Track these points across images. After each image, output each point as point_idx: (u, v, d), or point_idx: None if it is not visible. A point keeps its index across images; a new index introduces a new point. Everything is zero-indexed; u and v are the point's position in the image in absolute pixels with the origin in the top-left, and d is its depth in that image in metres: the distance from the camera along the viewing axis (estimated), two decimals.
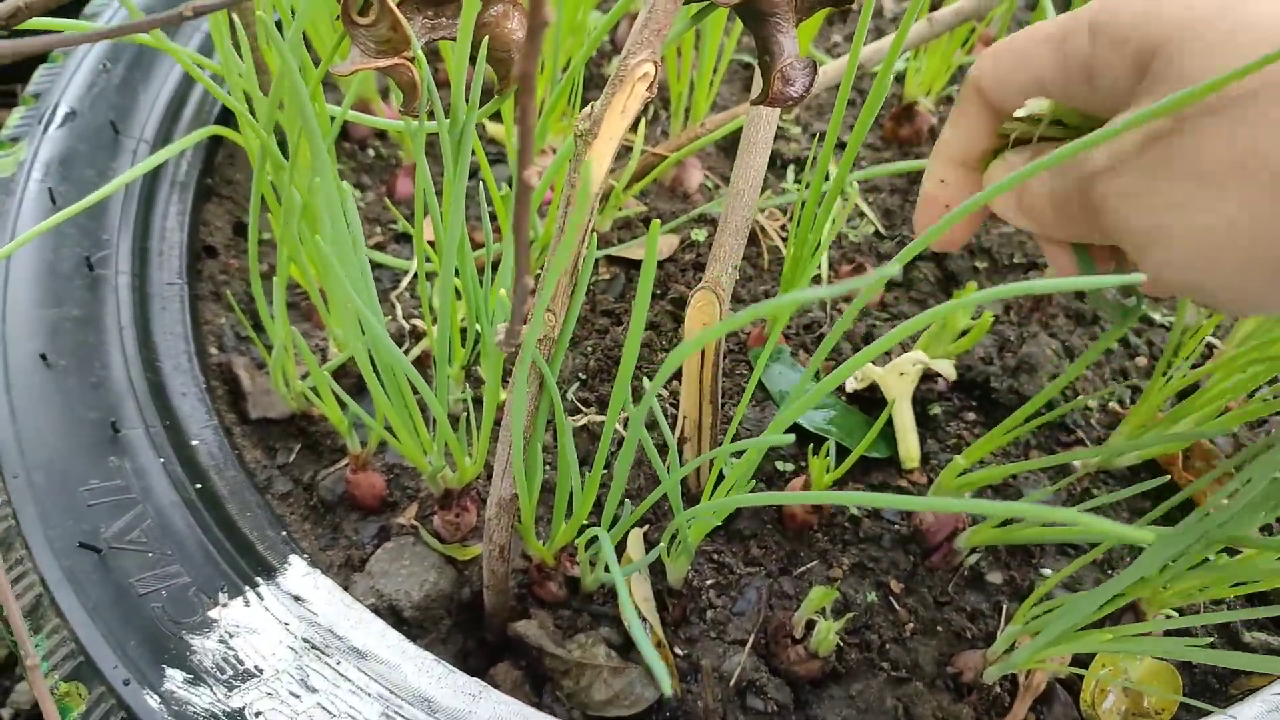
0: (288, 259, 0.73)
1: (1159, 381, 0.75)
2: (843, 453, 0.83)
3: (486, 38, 0.55)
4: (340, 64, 0.50)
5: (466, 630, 0.78)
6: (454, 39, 0.54)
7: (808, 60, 0.57)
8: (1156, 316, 0.95)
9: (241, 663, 0.62)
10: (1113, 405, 0.87)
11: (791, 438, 0.45)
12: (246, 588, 0.67)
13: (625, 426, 0.86)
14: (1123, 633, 0.61)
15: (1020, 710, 0.70)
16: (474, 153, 0.70)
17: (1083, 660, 0.74)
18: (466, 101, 0.57)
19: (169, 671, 0.61)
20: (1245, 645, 0.75)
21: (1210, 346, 0.92)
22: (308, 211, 0.68)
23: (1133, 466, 0.83)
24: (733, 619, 0.76)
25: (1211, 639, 0.75)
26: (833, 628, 0.68)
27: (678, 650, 0.74)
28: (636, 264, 0.98)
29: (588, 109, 0.54)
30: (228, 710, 0.60)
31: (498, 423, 0.81)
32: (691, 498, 0.81)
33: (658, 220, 0.42)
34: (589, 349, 0.91)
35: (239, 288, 0.94)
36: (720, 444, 0.79)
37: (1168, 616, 0.72)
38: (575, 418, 0.86)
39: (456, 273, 0.69)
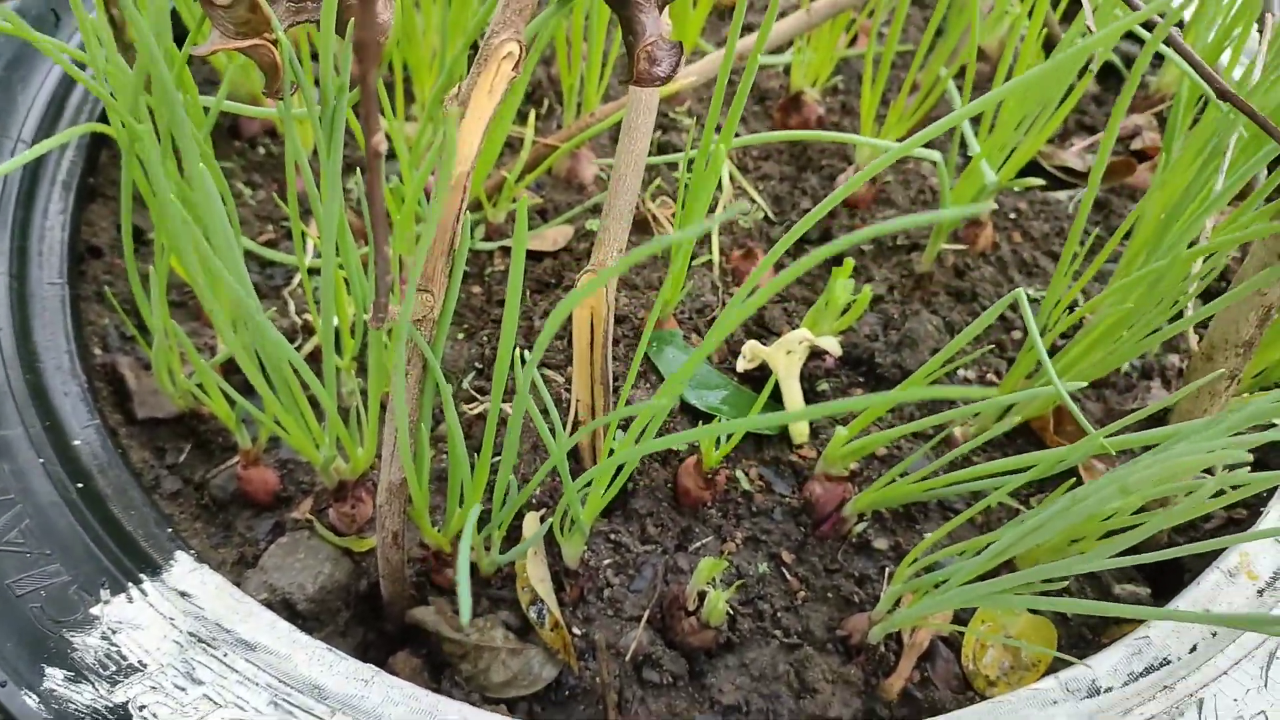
0: (165, 250, 0.72)
1: (1027, 349, 0.79)
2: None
3: (352, 20, 0.55)
4: (200, 45, 0.50)
5: (366, 622, 0.78)
6: (318, 23, 0.54)
7: (674, 42, 0.58)
8: (1030, 292, 1.00)
9: (125, 658, 0.61)
10: (990, 376, 0.91)
11: (672, 403, 0.46)
12: (130, 584, 0.66)
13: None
14: (999, 586, 0.64)
15: (905, 667, 0.73)
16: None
17: (963, 620, 0.77)
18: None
19: (48, 670, 0.60)
20: (1115, 596, 0.79)
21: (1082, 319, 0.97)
22: (184, 202, 0.67)
23: (1009, 434, 0.87)
24: (629, 596, 0.77)
25: (1085, 590, 0.80)
26: (722, 597, 0.70)
27: (575, 630, 0.75)
28: (533, 255, 0.99)
29: (454, 90, 0.55)
30: (110, 705, 0.59)
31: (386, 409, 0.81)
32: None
33: (526, 195, 0.43)
34: (485, 339, 0.92)
35: (124, 288, 0.92)
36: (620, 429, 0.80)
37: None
38: (471, 405, 0.87)
39: (343, 265, 0.69)
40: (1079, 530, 0.72)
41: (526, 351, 0.89)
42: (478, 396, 0.88)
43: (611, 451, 0.78)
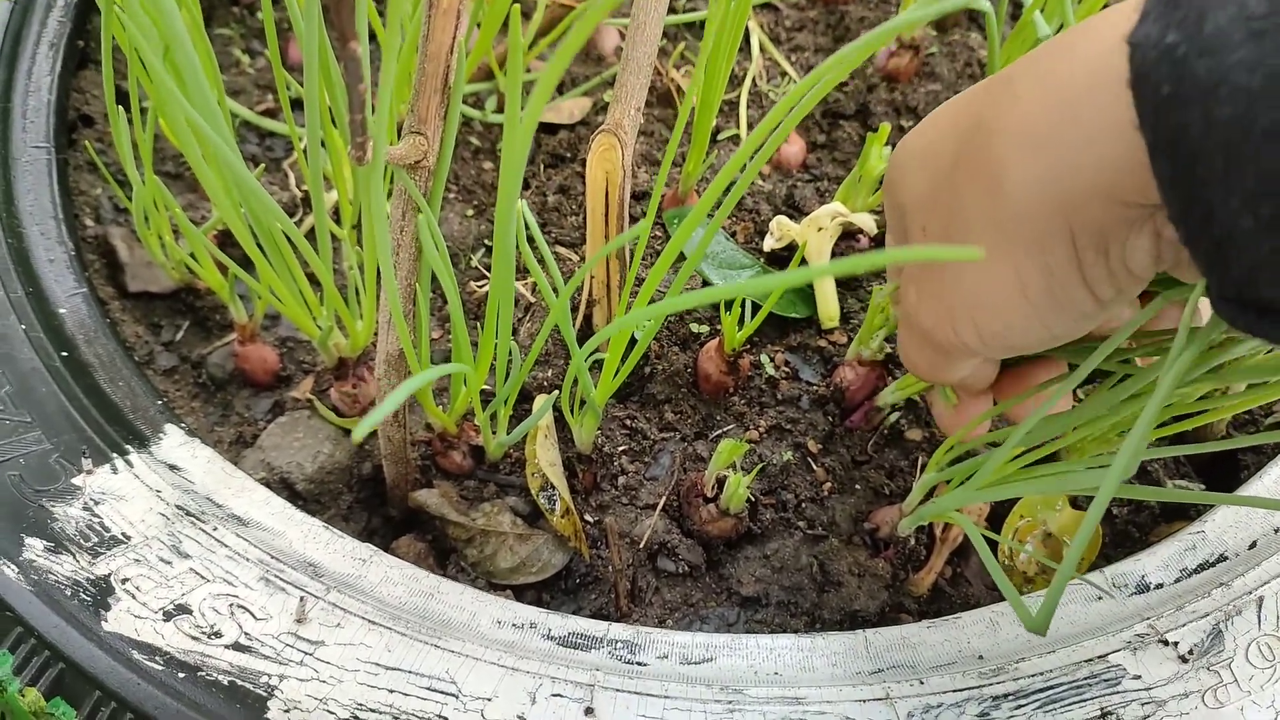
0: (155, 111, 0.66)
1: None
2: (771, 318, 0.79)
3: None
4: None
5: (370, 507, 0.74)
6: None
7: None
8: None
9: (107, 530, 0.58)
10: None
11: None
12: (115, 455, 0.62)
13: (534, 292, 0.81)
14: (1041, 472, 0.59)
15: (937, 563, 0.69)
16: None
17: (1001, 516, 0.72)
18: None
19: (28, 540, 0.57)
20: None
21: None
22: (169, 60, 0.62)
23: None
24: (645, 484, 0.73)
25: (1132, 483, 0.74)
26: (742, 481, 0.65)
27: (587, 517, 0.71)
28: (547, 128, 0.92)
29: None
30: (92, 577, 0.56)
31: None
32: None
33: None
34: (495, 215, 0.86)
35: (118, 159, 0.87)
36: (632, 305, 0.75)
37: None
38: (480, 283, 0.82)
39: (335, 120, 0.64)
40: (1129, 421, 0.67)
41: (560, 248, 0.84)
42: (486, 274, 0.83)
43: (633, 340, 0.73)
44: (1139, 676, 0.57)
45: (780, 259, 0.83)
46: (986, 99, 0.44)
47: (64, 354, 0.67)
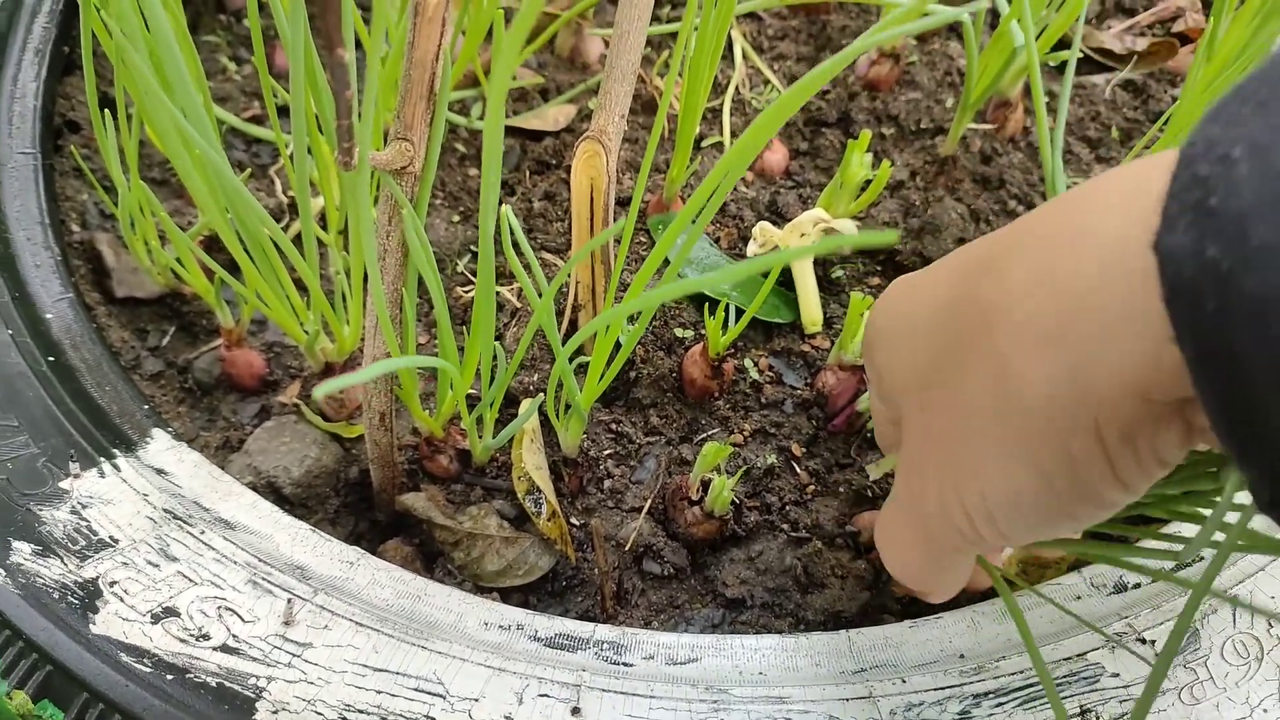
0: (139, 116, 0.67)
1: None
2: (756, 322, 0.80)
3: None
4: None
5: (357, 511, 0.74)
6: None
7: None
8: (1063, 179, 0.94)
9: (95, 533, 0.58)
10: None
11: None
12: (102, 459, 0.62)
13: (520, 297, 0.82)
14: None
15: None
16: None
17: None
18: None
19: (15, 544, 0.57)
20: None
21: None
22: (156, 65, 0.62)
23: None
24: (631, 487, 0.73)
25: None
26: (727, 484, 0.66)
27: (573, 520, 0.71)
28: (533, 135, 0.93)
29: None
30: (80, 580, 0.56)
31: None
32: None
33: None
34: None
35: (103, 165, 0.87)
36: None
37: None
38: (466, 289, 0.82)
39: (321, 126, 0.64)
40: None
41: (545, 253, 0.85)
42: (472, 279, 0.83)
43: (618, 345, 0.74)
44: (1117, 674, 0.58)
45: None
46: (975, 281, 0.43)
47: (50, 359, 0.67)
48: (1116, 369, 0.36)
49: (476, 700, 0.55)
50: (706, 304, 0.80)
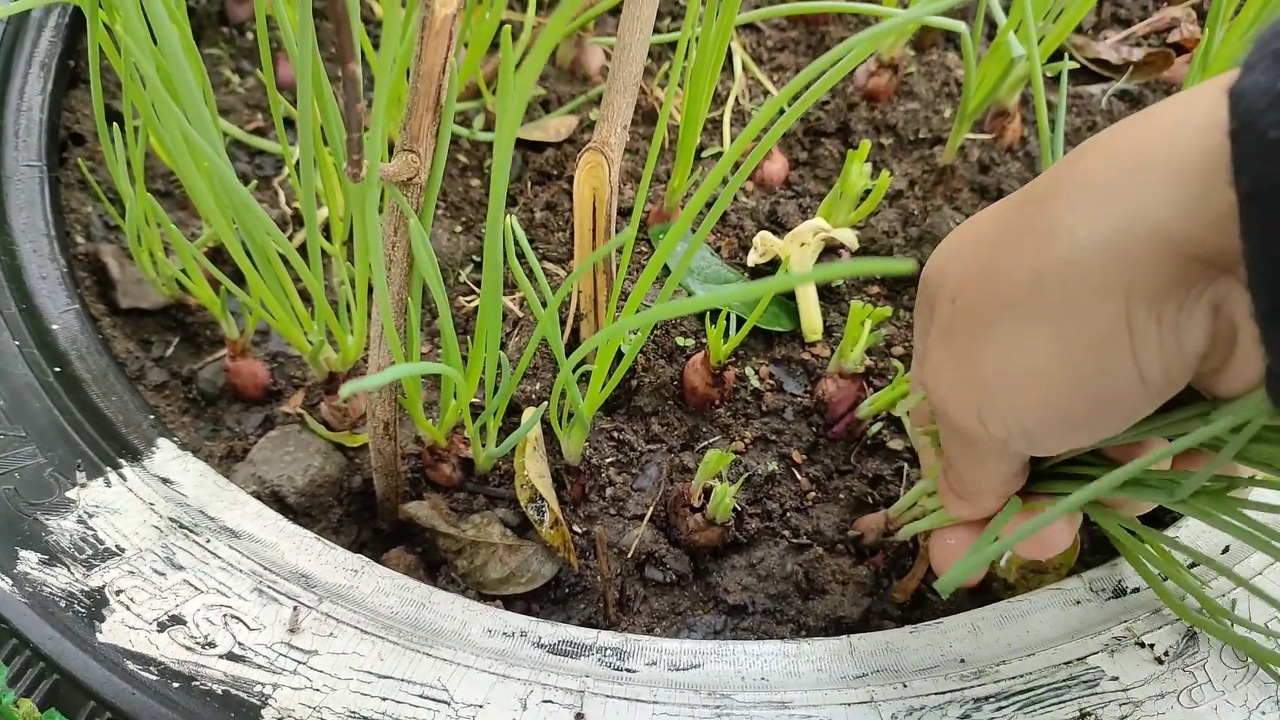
0: (144, 128, 0.68)
1: None
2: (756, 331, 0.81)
3: None
4: None
5: (360, 520, 0.75)
6: None
7: None
8: None
9: (101, 542, 0.59)
10: None
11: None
12: (108, 469, 0.63)
13: (522, 307, 0.83)
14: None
15: (920, 570, 0.70)
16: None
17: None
18: None
19: (22, 553, 0.58)
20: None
21: None
22: (164, 77, 0.63)
23: None
24: (633, 495, 0.74)
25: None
26: (729, 491, 0.67)
27: (576, 528, 0.72)
28: (534, 146, 0.94)
29: None
30: (86, 589, 0.57)
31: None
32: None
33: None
34: (484, 232, 0.88)
35: (109, 177, 0.88)
36: (618, 319, 0.76)
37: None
38: (469, 299, 0.83)
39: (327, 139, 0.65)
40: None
41: (549, 263, 0.86)
42: (475, 289, 0.84)
43: (620, 354, 0.74)
44: (1117, 678, 0.58)
45: (764, 274, 0.85)
46: (1045, 178, 0.44)
47: (57, 369, 0.68)
48: (1160, 222, 0.37)
49: (481, 707, 0.55)
50: (708, 313, 0.81)
